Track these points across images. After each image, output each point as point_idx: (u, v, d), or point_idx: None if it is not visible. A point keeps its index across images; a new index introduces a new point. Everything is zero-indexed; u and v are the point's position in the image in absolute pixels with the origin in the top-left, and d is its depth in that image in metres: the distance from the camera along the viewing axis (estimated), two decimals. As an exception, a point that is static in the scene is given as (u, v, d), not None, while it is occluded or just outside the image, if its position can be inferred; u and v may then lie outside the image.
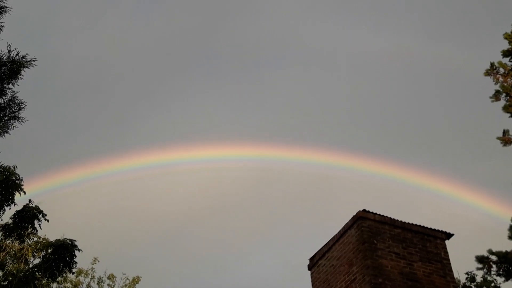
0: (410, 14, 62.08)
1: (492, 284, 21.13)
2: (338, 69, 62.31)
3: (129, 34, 64.43)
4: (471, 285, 21.64)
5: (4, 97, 12.84)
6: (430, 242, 10.85)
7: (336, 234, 11.06)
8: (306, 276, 11.85)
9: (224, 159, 41.50)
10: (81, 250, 20.99)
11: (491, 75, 18.44)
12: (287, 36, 64.03)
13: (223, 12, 65.87)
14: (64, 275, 21.89)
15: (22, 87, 13.14)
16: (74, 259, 20.75)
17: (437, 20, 62.35)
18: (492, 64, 18.51)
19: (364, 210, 10.59)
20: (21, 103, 12.93)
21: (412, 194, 40.17)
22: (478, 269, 21.14)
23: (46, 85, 59.82)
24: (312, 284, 11.49)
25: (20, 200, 19.27)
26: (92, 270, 25.14)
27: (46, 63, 53.62)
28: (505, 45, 19.05)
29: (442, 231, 11.13)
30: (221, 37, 67.56)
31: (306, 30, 62.49)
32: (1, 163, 13.81)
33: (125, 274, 25.78)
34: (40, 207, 20.24)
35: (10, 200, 18.54)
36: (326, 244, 11.33)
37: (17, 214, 19.81)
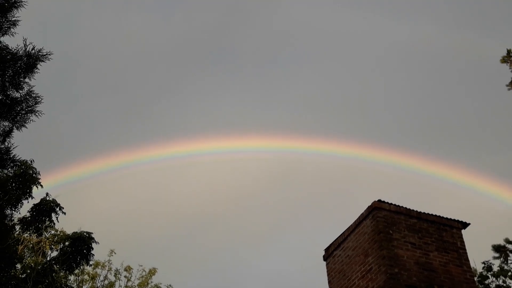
0: (428, 3, 61.25)
1: (509, 273, 21.00)
2: (358, 61, 61.87)
3: (150, 31, 64.54)
4: (488, 275, 21.52)
5: (20, 91, 12.92)
6: (446, 232, 10.79)
7: (351, 225, 11.04)
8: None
9: (245, 150, 41.48)
10: (98, 243, 21.22)
11: (508, 62, 18.09)
12: (304, 29, 63.66)
13: (242, 9, 65.74)
14: (81, 267, 22.14)
15: (42, 81, 13.23)
16: (91, 252, 20.99)
17: (458, 8, 61.55)
18: (508, 51, 18.15)
19: (379, 201, 10.56)
20: (38, 97, 13.01)
21: (430, 184, 40.03)
22: (495, 258, 21.05)
23: (66, 79, 60.28)
24: (328, 275, 11.49)
25: (37, 193, 19.51)
26: (109, 262, 25.39)
27: (68, 58, 54.10)
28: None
29: (458, 221, 11.06)
30: (242, 33, 67.50)
31: (322, 21, 62.09)
32: (18, 157, 13.94)
33: (141, 265, 26.04)
34: (57, 200, 20.50)
35: (28, 194, 18.77)
36: (341, 234, 11.31)
37: (35, 207, 20.06)
